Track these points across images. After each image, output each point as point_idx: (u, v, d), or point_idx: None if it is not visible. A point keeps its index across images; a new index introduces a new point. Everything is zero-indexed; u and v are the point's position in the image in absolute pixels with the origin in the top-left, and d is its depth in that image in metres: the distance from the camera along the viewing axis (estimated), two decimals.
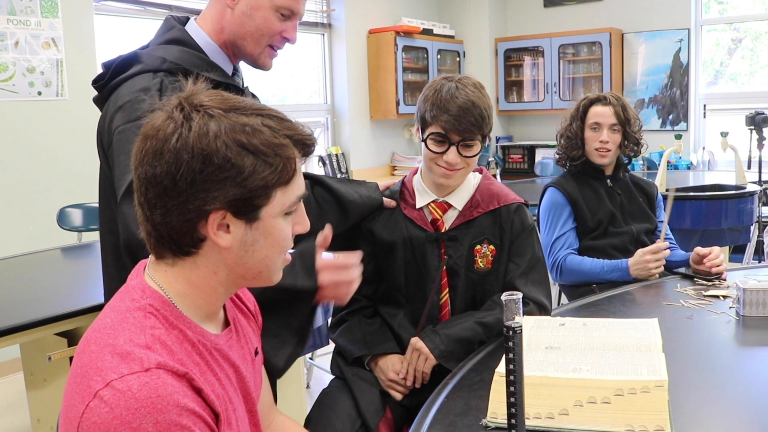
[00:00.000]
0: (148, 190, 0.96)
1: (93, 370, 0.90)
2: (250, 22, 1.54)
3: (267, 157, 0.96)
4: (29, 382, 2.57)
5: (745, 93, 6.41)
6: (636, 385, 1.23)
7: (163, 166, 0.94)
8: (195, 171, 0.93)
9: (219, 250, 0.98)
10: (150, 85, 1.44)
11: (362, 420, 1.66)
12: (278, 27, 1.55)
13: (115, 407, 0.86)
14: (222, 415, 0.97)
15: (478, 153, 1.74)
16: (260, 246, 1.00)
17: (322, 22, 6.16)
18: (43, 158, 4.09)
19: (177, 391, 0.89)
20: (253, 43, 1.56)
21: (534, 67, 7.11)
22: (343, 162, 6.22)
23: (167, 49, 1.52)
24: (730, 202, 3.71)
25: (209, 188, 0.94)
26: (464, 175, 1.79)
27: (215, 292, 1.03)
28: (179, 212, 0.95)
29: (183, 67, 1.48)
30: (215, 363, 1.02)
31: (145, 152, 0.96)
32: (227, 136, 0.94)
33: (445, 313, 1.80)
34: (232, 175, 0.94)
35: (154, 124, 0.97)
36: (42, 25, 4.06)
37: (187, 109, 0.96)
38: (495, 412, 1.27)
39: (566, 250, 2.52)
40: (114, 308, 0.99)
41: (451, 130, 1.70)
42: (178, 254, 0.99)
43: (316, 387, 3.61)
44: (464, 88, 1.71)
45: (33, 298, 2.30)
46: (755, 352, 1.64)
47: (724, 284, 2.11)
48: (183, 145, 0.93)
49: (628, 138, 2.53)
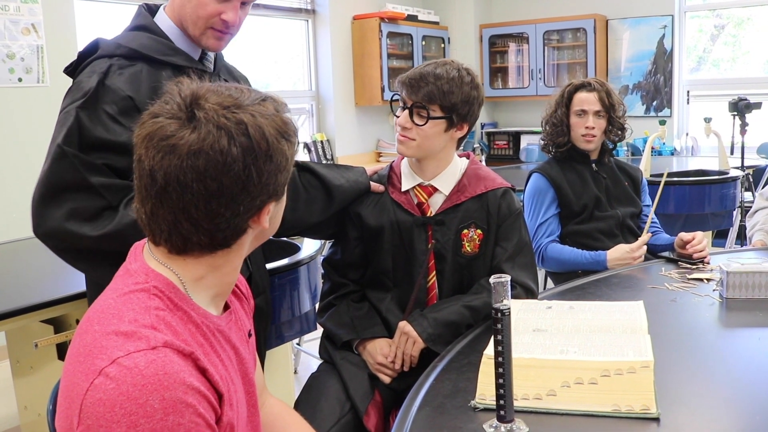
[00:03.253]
0: (210, 203, 0.95)
1: (97, 349, 0.90)
2: (187, 4, 1.57)
3: (291, 137, 1.02)
4: (15, 370, 2.56)
5: (728, 79, 6.45)
6: (622, 366, 1.25)
7: (232, 177, 0.95)
8: (262, 170, 0.97)
9: (256, 231, 1.05)
10: (97, 69, 1.49)
11: (351, 403, 1.68)
12: (213, 9, 1.56)
13: (122, 383, 0.86)
14: (225, 396, 0.98)
15: (426, 122, 1.72)
16: (279, 214, 1.09)
17: (305, 8, 6.12)
18: (25, 145, 4.04)
19: (183, 370, 0.90)
20: (192, 25, 1.59)
21: (519, 53, 7.11)
22: (329, 148, 6.21)
23: (129, 36, 1.58)
24: (713, 188, 3.75)
25: (270, 181, 0.99)
26: (419, 149, 1.76)
27: (236, 270, 1.07)
28: (246, 211, 0.99)
29: (141, 52, 1.54)
30: (218, 344, 1.03)
31: (204, 169, 0.94)
32: (271, 129, 0.98)
33: (433, 296, 1.81)
34: (283, 163, 1.00)
35: (201, 138, 0.94)
36: (21, 10, 4.00)
37: (227, 115, 0.95)
38: (483, 393, 1.28)
39: (548, 237, 2.54)
40: (116, 290, 0.99)
41: (406, 92, 1.74)
42: (215, 249, 1.01)
43: (303, 372, 3.63)
44: (442, 65, 1.75)
45: (18, 285, 2.29)
46: (738, 333, 1.66)
47: (708, 268, 2.13)
48: (248, 150, 0.95)
49: (613, 123, 2.55)
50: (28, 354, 2.45)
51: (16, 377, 2.57)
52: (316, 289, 2.36)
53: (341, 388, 1.71)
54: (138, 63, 1.54)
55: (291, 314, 2.25)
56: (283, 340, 2.27)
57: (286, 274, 2.17)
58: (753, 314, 1.72)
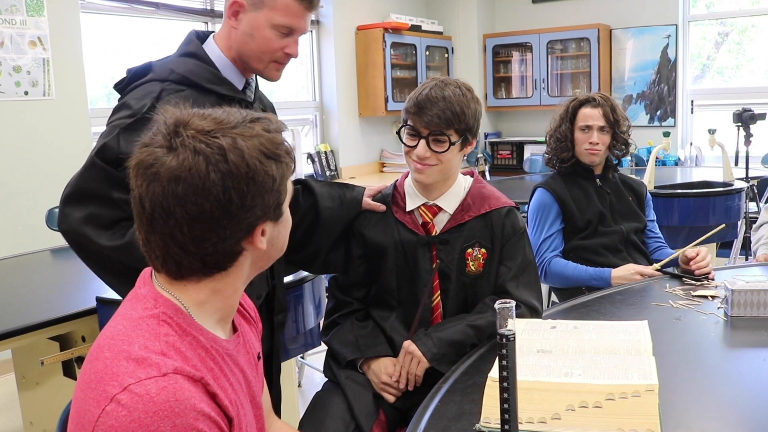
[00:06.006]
0: (193, 228, 0.97)
1: (109, 376, 0.91)
2: (251, 41, 1.60)
3: (281, 158, 1.02)
4: (21, 385, 2.57)
5: (732, 89, 6.45)
6: (627, 390, 1.25)
7: (212, 202, 0.96)
8: (244, 193, 0.97)
9: (252, 254, 1.04)
10: (150, 91, 1.53)
11: (356, 423, 1.67)
12: (278, 44, 1.61)
13: (134, 410, 0.87)
14: (234, 420, 0.99)
15: (448, 149, 1.71)
16: (282, 235, 1.09)
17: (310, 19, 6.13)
18: (31, 158, 4.06)
19: (194, 396, 0.91)
20: (256, 60, 1.63)
21: (522, 63, 7.12)
22: (332, 159, 6.22)
23: (180, 61, 1.61)
24: (717, 199, 3.74)
25: (256, 204, 0.99)
26: (440, 173, 1.76)
27: (237, 292, 1.07)
28: (233, 235, 0.99)
29: (190, 79, 1.57)
30: (227, 368, 1.04)
31: (183, 195, 0.95)
32: (254, 151, 0.98)
33: (437, 315, 1.81)
34: (269, 184, 1.00)
35: (179, 164, 0.95)
36: (27, 23, 4.03)
37: (205, 140, 0.97)
38: (488, 416, 1.28)
39: (551, 252, 2.54)
40: (126, 316, 1.00)
41: (419, 122, 1.72)
42: (211, 273, 1.02)
43: (307, 386, 3.63)
44: (444, 86, 1.73)
45: (24, 301, 2.30)
46: (743, 353, 1.66)
47: (713, 284, 2.13)
48: (226, 174, 0.96)
49: (617, 139, 2.55)
50: (34, 370, 2.45)
51: (21, 393, 2.58)
52: (320, 305, 2.36)
53: (346, 408, 1.71)
54: (187, 89, 1.57)
55: (296, 330, 2.26)
56: (288, 356, 2.27)
57: (291, 290, 2.18)
58: (758, 333, 1.72)
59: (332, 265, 1.87)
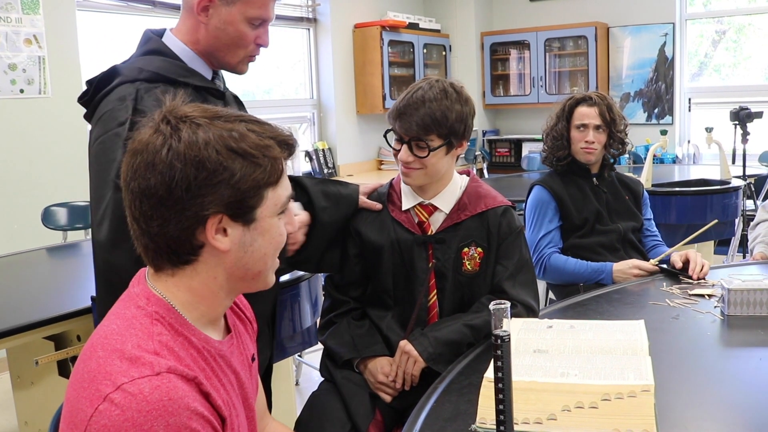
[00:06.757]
0: (142, 203, 0.98)
1: (101, 375, 0.91)
2: (224, 36, 1.58)
3: (255, 159, 0.99)
4: (16, 385, 2.56)
5: (729, 87, 6.45)
6: (623, 390, 1.25)
7: (157, 177, 0.96)
8: (189, 178, 0.95)
9: (218, 254, 1.01)
10: (126, 94, 1.49)
11: (352, 423, 1.67)
12: (252, 36, 1.60)
13: (127, 410, 0.87)
14: (227, 420, 0.99)
15: (428, 154, 1.70)
16: (259, 245, 1.03)
17: (307, 17, 6.13)
18: (27, 157, 4.05)
19: (187, 395, 0.91)
20: (230, 54, 1.61)
21: (520, 60, 7.12)
22: (330, 157, 6.21)
23: (146, 59, 1.58)
24: (715, 197, 3.75)
25: (204, 193, 0.96)
26: (426, 176, 1.75)
27: (216, 297, 1.05)
28: (177, 220, 0.97)
29: (162, 75, 1.54)
30: (219, 369, 1.04)
31: (137, 167, 0.98)
32: (216, 142, 0.97)
33: (434, 315, 1.80)
34: (225, 178, 0.97)
35: (142, 139, 0.99)
36: (23, 21, 4.02)
37: (173, 122, 0.98)
38: (484, 417, 1.28)
39: (551, 248, 2.54)
40: (119, 315, 1.00)
41: (400, 128, 1.72)
42: (177, 264, 1.01)
43: (305, 384, 3.62)
44: (430, 89, 1.71)
45: (19, 300, 2.29)
46: (739, 353, 1.66)
47: (709, 282, 2.13)
48: (175, 155, 0.96)
49: (614, 138, 2.55)
50: (29, 369, 2.44)
51: (16, 392, 2.57)
52: (317, 304, 2.36)
53: (342, 408, 1.71)
54: (161, 85, 1.54)
55: (293, 329, 2.25)
56: (285, 354, 2.27)
57: (287, 289, 2.17)
58: (754, 333, 1.72)
59: (328, 265, 1.86)
